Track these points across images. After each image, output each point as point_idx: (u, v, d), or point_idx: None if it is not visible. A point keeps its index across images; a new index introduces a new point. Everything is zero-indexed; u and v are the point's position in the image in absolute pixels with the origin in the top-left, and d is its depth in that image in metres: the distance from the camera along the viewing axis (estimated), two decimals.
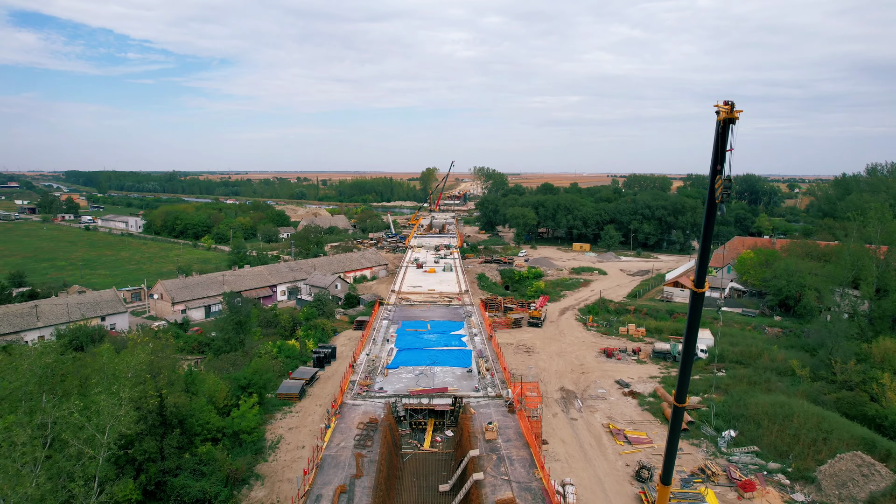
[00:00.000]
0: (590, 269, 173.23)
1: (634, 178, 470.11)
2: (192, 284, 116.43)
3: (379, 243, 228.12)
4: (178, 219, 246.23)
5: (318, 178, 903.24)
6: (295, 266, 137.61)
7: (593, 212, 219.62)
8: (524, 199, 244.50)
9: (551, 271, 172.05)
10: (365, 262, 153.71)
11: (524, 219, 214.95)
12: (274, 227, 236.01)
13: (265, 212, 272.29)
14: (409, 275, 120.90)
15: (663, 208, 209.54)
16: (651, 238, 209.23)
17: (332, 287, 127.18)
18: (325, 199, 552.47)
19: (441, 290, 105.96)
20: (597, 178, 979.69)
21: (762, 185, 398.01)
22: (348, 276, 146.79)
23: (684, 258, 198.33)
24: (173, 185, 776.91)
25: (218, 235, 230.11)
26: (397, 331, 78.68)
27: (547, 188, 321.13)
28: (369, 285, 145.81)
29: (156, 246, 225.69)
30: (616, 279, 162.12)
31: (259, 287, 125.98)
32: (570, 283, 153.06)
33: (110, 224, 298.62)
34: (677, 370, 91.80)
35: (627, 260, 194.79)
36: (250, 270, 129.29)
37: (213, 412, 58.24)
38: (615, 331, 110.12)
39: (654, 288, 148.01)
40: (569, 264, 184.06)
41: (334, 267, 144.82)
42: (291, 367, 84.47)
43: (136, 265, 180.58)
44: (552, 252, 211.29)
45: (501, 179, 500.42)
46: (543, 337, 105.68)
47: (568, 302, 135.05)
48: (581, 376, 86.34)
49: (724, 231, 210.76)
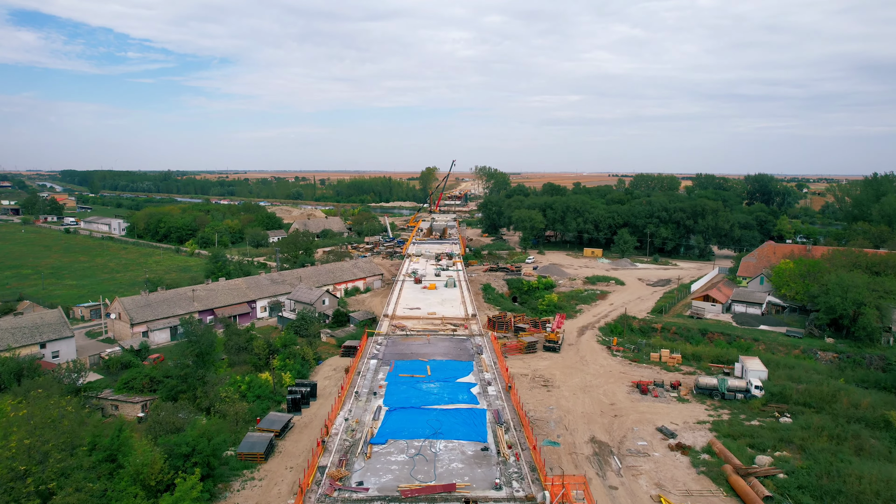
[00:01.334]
0: (605, 278, 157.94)
1: (641, 177, 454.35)
2: (157, 302, 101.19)
3: (375, 248, 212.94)
4: (162, 222, 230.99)
5: (317, 177, 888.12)
6: (278, 278, 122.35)
7: (605, 214, 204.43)
8: (530, 201, 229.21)
9: (563, 281, 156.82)
10: (358, 271, 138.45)
11: (531, 222, 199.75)
12: (262, 231, 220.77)
13: (255, 214, 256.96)
14: (406, 292, 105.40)
15: (681, 211, 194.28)
16: (668, 243, 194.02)
17: (318, 303, 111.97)
18: (323, 200, 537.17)
19: (443, 313, 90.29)
20: (598, 178, 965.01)
21: (775, 186, 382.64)
22: (339, 288, 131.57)
23: (706, 265, 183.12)
24: (168, 184, 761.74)
25: (203, 239, 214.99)
26: (388, 376, 62.30)
27: (553, 189, 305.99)
28: (362, 298, 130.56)
29: (136, 251, 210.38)
30: (635, 290, 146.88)
31: (235, 303, 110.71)
32: (585, 296, 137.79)
33: (93, 226, 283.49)
34: (729, 412, 77.81)
35: (644, 267, 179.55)
36: (226, 284, 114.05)
37: (139, 498, 43.01)
38: (645, 356, 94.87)
39: (679, 301, 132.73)
40: (581, 272, 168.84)
41: (323, 278, 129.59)
42: (261, 410, 69.29)
43: (110, 274, 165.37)
44: (562, 258, 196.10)
45: (503, 179, 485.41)
46: (563, 365, 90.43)
47: (585, 318, 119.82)
48: (614, 420, 71.08)
49: (746, 236, 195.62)
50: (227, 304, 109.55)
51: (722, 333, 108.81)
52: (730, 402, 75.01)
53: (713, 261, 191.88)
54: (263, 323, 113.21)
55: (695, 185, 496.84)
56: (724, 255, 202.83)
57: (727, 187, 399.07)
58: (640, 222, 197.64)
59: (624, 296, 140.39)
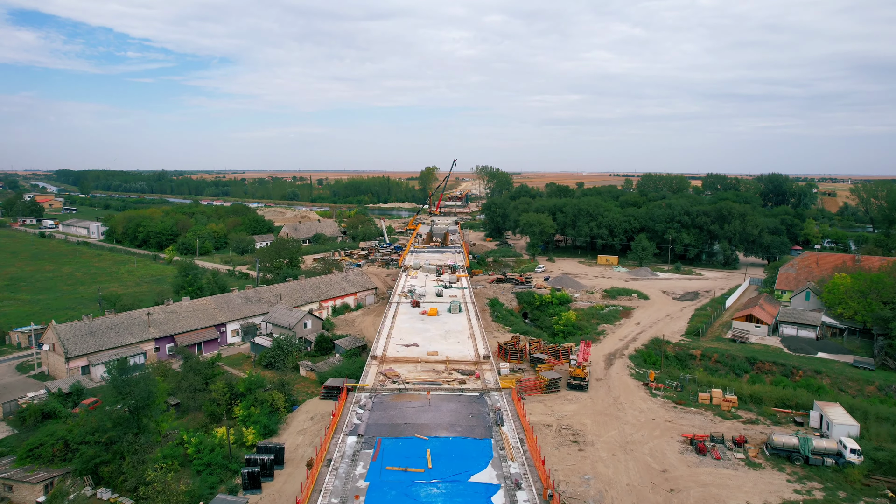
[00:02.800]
0: (626, 291, 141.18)
1: (649, 177, 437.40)
2: (102, 329, 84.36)
3: (371, 254, 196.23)
4: (141, 226, 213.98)
5: (316, 177, 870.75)
6: (253, 296, 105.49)
7: (621, 218, 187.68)
8: (538, 203, 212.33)
9: (579, 294, 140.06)
10: (348, 286, 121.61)
11: (540, 226, 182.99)
12: (248, 236, 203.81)
13: (242, 217, 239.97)
14: (402, 319, 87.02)
15: (705, 215, 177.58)
16: (691, 250, 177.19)
17: (298, 327, 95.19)
18: (319, 201, 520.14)
19: (448, 352, 71.46)
20: (598, 177, 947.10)
21: (790, 186, 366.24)
22: (326, 305, 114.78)
23: (733, 275, 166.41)
24: (162, 185, 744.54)
25: (184, 245, 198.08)
26: (370, 471, 41.92)
27: (561, 190, 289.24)
28: (352, 318, 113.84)
29: (110, 258, 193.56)
30: (662, 306, 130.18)
31: (201, 327, 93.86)
32: (607, 314, 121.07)
33: (71, 230, 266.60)
34: (821, 486, 54.21)
35: (666, 277, 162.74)
36: (190, 305, 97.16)
37: None
38: (692, 397, 78.16)
39: (716, 321, 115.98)
40: (598, 283, 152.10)
41: (307, 294, 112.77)
42: (208, 488, 52.64)
43: (73, 286, 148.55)
44: (574, 266, 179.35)
45: (505, 179, 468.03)
46: (594, 410, 73.72)
47: (611, 342, 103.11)
48: (671, 499, 54.37)
49: (774, 242, 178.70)
50: (191, 328, 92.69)
51: (774, 363, 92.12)
52: (818, 470, 58.29)
53: (739, 269, 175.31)
54: (234, 350, 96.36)
55: (704, 185, 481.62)
56: (750, 262, 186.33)
57: (738, 188, 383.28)
58: (659, 227, 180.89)
59: (650, 313, 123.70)
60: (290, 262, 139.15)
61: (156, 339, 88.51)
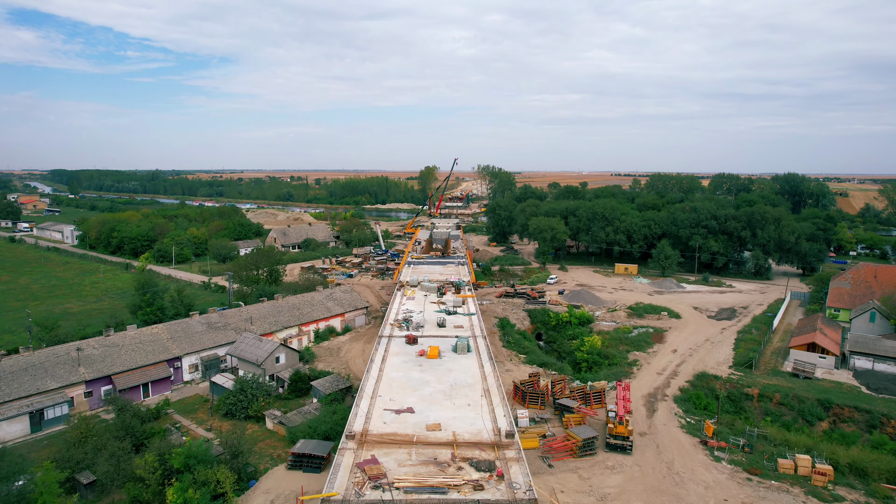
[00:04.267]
0: (653, 308, 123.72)
1: (658, 177, 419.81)
2: (13, 372, 66.73)
3: (365, 262, 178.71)
4: (115, 230, 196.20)
5: (314, 177, 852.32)
6: (219, 321, 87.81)
7: (640, 223, 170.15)
8: (548, 206, 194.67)
9: (601, 312, 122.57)
10: (334, 305, 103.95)
11: (552, 232, 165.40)
12: (230, 242, 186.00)
13: (227, 220, 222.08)
14: (393, 365, 65.22)
15: (735, 219, 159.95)
16: (718, 259, 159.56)
17: (269, 361, 77.67)
18: (315, 201, 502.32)
19: (455, 423, 47.91)
20: (599, 177, 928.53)
21: (807, 186, 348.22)
22: (307, 330, 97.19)
23: (768, 287, 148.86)
24: (155, 185, 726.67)
25: (160, 252, 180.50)
26: None
27: (570, 191, 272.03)
28: (338, 344, 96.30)
29: (77, 266, 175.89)
30: (698, 326, 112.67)
31: (148, 364, 76.28)
32: (636, 338, 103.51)
33: (46, 234, 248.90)
34: None
35: (694, 290, 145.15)
36: (137, 335, 79.48)
37: None
38: (766, 462, 60.66)
39: (766, 347, 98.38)
40: (619, 298, 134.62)
41: (284, 317, 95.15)
42: None
43: (25, 301, 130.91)
44: (589, 276, 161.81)
45: (508, 178, 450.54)
46: (645, 485, 56.14)
47: (648, 377, 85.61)
48: None
49: (811, 250, 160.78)
50: (136, 365, 75.09)
51: (855, 408, 74.64)
52: None
53: (773, 280, 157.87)
54: (191, 391, 78.72)
55: (712, 185, 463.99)
56: (782, 272, 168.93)
57: (751, 188, 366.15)
58: (683, 233, 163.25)
59: (686, 336, 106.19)
60: (270, 275, 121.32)
61: (87, 382, 70.90)
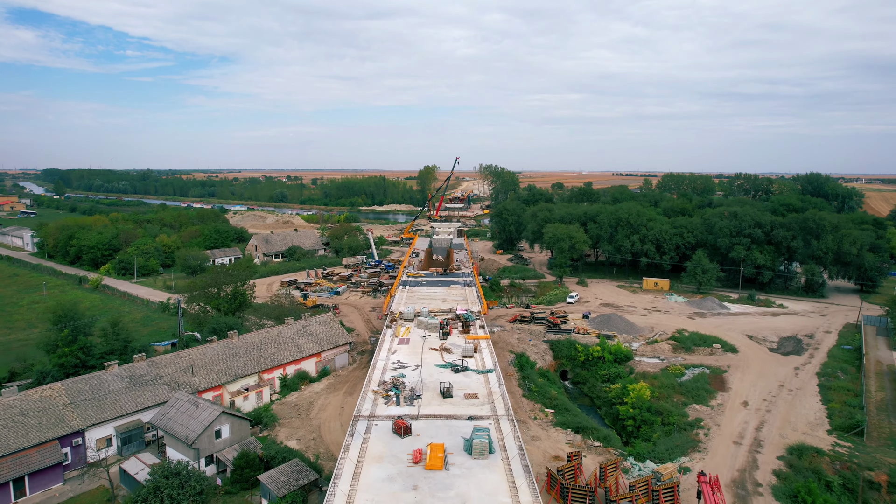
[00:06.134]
0: (701, 337, 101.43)
1: (670, 177, 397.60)
2: None
3: (355, 275, 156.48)
4: (74, 238, 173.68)
5: (312, 176, 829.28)
6: (147, 372, 65.51)
7: (671, 231, 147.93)
8: (563, 211, 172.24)
9: (639, 344, 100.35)
10: (307, 343, 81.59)
11: (571, 241, 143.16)
12: (202, 252, 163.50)
13: (203, 225, 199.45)
14: (372, 479, 41.68)
15: (784, 227, 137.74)
16: (765, 273, 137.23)
17: (206, 437, 55.41)
18: (309, 202, 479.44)
19: None
20: (600, 176, 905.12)
21: (832, 187, 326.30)
22: (269, 378, 74.94)
23: (826, 306, 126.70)
24: (146, 185, 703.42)
25: (122, 264, 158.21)
26: None
27: (584, 193, 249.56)
28: (310, 396, 74.12)
29: (26, 280, 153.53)
30: (762, 364, 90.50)
31: (28, 448, 54.01)
32: (691, 385, 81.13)
33: (7, 239, 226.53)
34: None
35: (741, 311, 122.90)
36: (18, 401, 57.04)
37: None
38: None
39: (868, 401, 76.01)
40: (657, 323, 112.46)
41: (239, 364, 72.88)
42: None
43: None
44: (613, 292, 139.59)
45: (511, 178, 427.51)
46: None
47: (722, 450, 63.34)
48: None
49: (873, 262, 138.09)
50: (7, 451, 52.72)
51: None
52: None
53: (828, 297, 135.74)
54: (92, 482, 56.28)
55: (721, 185, 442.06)
56: (834, 286, 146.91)
57: (771, 189, 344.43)
58: (722, 242, 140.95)
59: (752, 379, 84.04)
60: (234, 298, 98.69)
61: None
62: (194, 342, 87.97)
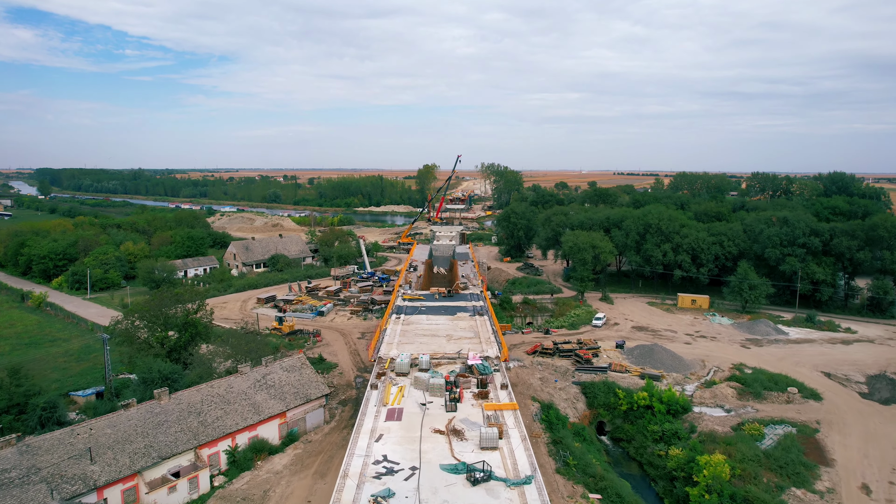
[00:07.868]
0: (770, 378, 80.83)
1: (683, 176, 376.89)
2: None
3: (344, 289, 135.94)
4: (25, 246, 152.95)
5: (310, 176, 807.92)
6: (19, 464, 45.13)
7: (709, 239, 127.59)
8: (582, 216, 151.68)
9: (692, 387, 79.89)
10: (266, 399, 61.12)
11: (595, 251, 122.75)
12: (169, 262, 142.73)
13: (175, 230, 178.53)
14: None
15: (849, 236, 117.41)
16: (823, 290, 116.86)
17: None
18: (304, 203, 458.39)
19: None
20: (602, 176, 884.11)
21: (858, 187, 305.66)
22: (212, 452, 54.44)
23: None
24: (136, 184, 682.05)
25: (76, 276, 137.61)
26: None
27: (600, 195, 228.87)
28: (266, 482, 53.61)
29: None
30: (860, 417, 70.21)
31: None
32: (779, 455, 60.73)
33: None
34: None
35: (802, 336, 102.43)
36: None
37: None
38: None
39: None
40: (707, 354, 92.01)
41: (167, 437, 52.40)
42: None
43: None
44: (644, 311, 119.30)
45: (514, 178, 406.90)
46: None
47: None
48: None
49: None
50: None
51: None
52: None
53: None
54: None
55: (733, 186, 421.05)
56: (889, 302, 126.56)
57: (791, 189, 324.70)
58: (771, 253, 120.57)
59: (857, 444, 63.72)
60: (185, 327, 78.04)
61: None
62: (127, 391, 67.57)
